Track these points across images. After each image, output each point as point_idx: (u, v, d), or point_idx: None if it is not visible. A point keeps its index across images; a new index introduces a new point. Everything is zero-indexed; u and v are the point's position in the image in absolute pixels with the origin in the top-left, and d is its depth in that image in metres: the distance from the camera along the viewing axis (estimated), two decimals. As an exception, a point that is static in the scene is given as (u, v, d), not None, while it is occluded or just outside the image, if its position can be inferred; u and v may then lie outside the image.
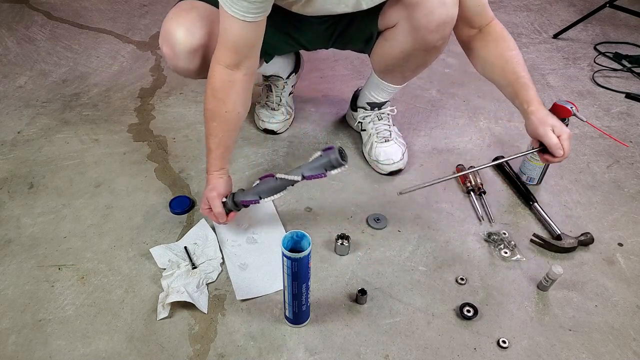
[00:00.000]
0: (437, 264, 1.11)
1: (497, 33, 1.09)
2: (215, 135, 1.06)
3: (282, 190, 1.04)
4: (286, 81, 1.47)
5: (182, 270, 1.05)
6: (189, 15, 1.08)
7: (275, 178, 1.02)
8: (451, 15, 1.03)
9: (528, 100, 1.02)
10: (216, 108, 1.04)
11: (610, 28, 2.08)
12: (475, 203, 1.25)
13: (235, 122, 1.08)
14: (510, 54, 1.07)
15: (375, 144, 1.35)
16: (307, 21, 1.16)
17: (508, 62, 1.06)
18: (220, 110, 1.04)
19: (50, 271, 1.08)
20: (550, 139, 0.99)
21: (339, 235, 1.12)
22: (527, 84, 1.03)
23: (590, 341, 0.97)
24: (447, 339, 0.97)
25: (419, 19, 1.05)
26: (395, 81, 1.28)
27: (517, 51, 1.07)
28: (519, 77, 1.04)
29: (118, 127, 1.50)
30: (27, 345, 0.94)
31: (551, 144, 0.99)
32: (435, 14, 1.03)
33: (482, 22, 1.10)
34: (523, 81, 1.04)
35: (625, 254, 1.14)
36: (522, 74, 1.04)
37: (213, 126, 1.06)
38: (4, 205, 1.23)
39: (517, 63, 1.05)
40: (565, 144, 0.99)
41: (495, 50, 1.09)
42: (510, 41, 1.09)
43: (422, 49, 1.11)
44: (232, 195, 1.09)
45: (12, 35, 1.97)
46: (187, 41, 1.08)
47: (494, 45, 1.09)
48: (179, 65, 1.13)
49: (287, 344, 0.95)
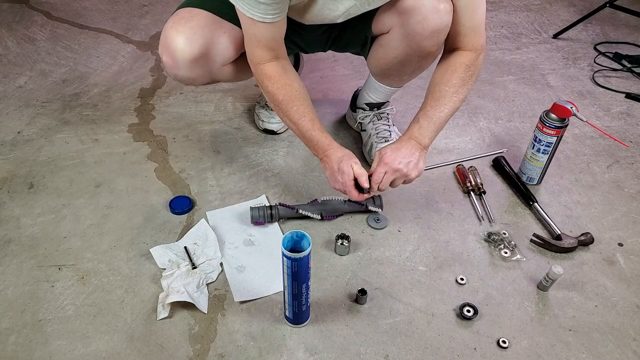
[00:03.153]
0: (437, 264, 1.11)
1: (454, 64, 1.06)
2: (303, 114, 1.05)
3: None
4: (286, 81, 1.47)
5: (182, 270, 1.05)
6: (189, 23, 1.06)
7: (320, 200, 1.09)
8: (445, 22, 1.02)
9: (407, 130, 1.07)
10: (288, 94, 1.05)
11: (610, 28, 2.08)
12: (475, 203, 1.25)
13: (308, 95, 1.09)
14: (441, 87, 1.05)
15: (375, 144, 1.35)
16: (306, 25, 1.16)
17: (432, 93, 1.07)
18: (292, 92, 1.05)
19: (50, 271, 1.08)
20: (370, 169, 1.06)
21: (339, 235, 1.12)
22: (419, 119, 1.06)
23: (590, 341, 0.97)
24: (447, 339, 0.97)
25: (412, 26, 1.04)
26: (392, 84, 1.28)
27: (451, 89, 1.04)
28: (422, 109, 1.07)
29: (118, 127, 1.50)
30: (27, 345, 0.94)
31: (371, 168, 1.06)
32: (430, 21, 1.02)
33: (459, 46, 1.07)
34: (419, 115, 1.06)
35: (625, 254, 1.14)
36: (427, 108, 1.05)
37: (295, 109, 1.05)
38: (4, 205, 1.23)
39: (436, 98, 1.05)
40: (376, 171, 1.04)
41: (436, 76, 1.09)
42: (456, 78, 1.04)
43: (417, 54, 1.11)
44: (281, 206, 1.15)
45: (12, 35, 1.97)
46: (187, 50, 1.06)
47: (441, 72, 1.07)
48: (179, 74, 1.12)
49: (287, 344, 0.95)
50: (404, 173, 1.03)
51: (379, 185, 1.04)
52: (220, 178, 1.32)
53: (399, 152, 1.02)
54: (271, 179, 1.32)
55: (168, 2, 2.24)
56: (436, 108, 1.04)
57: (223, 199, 1.26)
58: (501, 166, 1.34)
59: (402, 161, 1.02)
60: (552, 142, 1.22)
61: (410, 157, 1.02)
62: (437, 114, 1.04)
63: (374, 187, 1.04)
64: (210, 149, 1.42)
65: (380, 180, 1.03)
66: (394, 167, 1.02)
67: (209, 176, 1.33)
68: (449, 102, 1.04)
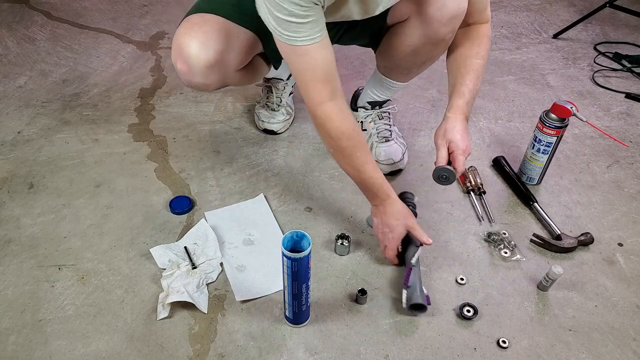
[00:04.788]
0: (437, 264, 1.11)
1: (478, 36, 1.09)
2: (366, 161, 1.01)
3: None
4: (287, 82, 1.47)
5: (182, 270, 1.05)
6: (202, 28, 1.04)
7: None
8: (462, 8, 1.04)
9: (452, 106, 1.04)
10: (352, 138, 0.98)
11: (610, 28, 2.08)
12: (475, 203, 1.25)
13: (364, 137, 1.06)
14: (473, 61, 1.06)
15: (375, 144, 1.35)
16: None
17: (465, 66, 1.06)
18: (356, 137, 0.99)
19: (50, 271, 1.08)
20: (439, 154, 1.02)
21: (339, 235, 1.12)
22: (464, 92, 1.04)
23: (590, 341, 0.97)
24: (447, 339, 0.97)
25: (432, 13, 1.05)
26: (399, 78, 1.28)
27: (482, 61, 1.06)
28: (462, 83, 1.05)
29: (118, 127, 1.50)
30: (27, 345, 0.94)
31: (437, 158, 1.02)
32: (448, 7, 1.03)
33: (475, 20, 1.10)
34: (462, 89, 1.04)
35: (625, 254, 1.14)
36: (467, 82, 1.04)
37: (359, 155, 1.00)
38: (4, 205, 1.23)
39: (472, 71, 1.05)
40: (457, 160, 1.00)
41: (463, 50, 1.09)
42: (483, 49, 1.08)
43: (432, 42, 1.11)
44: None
45: (12, 35, 1.97)
46: (203, 56, 1.03)
47: (468, 45, 1.09)
48: (194, 81, 1.08)
49: (287, 344, 0.95)
50: (470, 152, 1.03)
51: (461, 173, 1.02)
52: (220, 178, 1.32)
53: (465, 134, 1.02)
54: (271, 179, 1.32)
55: (168, 2, 2.24)
56: (475, 81, 1.05)
57: (223, 199, 1.26)
58: (501, 166, 1.34)
59: (469, 142, 1.02)
60: (552, 142, 1.22)
61: (467, 134, 1.03)
62: (476, 87, 1.05)
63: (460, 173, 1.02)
64: (210, 149, 1.42)
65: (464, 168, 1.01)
66: (469, 151, 1.01)
67: (209, 176, 1.33)
68: (482, 75, 1.07)
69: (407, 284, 1.00)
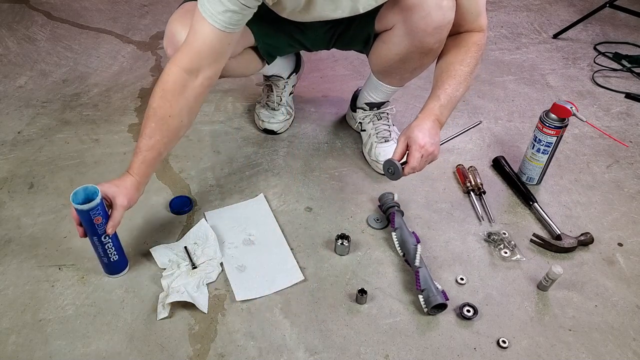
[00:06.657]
0: (437, 264, 1.11)
1: (466, 44, 1.07)
2: (150, 136, 0.99)
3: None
4: (287, 81, 1.47)
5: (182, 270, 1.05)
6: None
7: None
8: (448, 18, 1.03)
9: (425, 108, 1.04)
10: (160, 109, 0.98)
11: (610, 28, 2.08)
12: (475, 203, 1.25)
13: (177, 130, 1.01)
14: (456, 67, 1.05)
15: (375, 144, 1.35)
16: (308, 24, 1.16)
17: (447, 71, 1.06)
18: (164, 113, 0.98)
19: (51, 271, 1.08)
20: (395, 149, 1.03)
21: (339, 235, 1.12)
22: (439, 96, 1.04)
23: (590, 341, 0.97)
24: (447, 339, 0.97)
25: (415, 22, 1.05)
26: (393, 82, 1.28)
27: (466, 68, 1.05)
28: (439, 87, 1.05)
29: (118, 127, 1.50)
30: (27, 345, 0.94)
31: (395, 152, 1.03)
32: (433, 17, 1.03)
33: (468, 29, 1.09)
34: (437, 92, 1.04)
35: (625, 254, 1.14)
36: (445, 86, 1.04)
37: (151, 127, 0.98)
38: (4, 205, 1.23)
39: (453, 77, 1.05)
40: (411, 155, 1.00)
41: (448, 57, 1.09)
42: (470, 57, 1.06)
43: (419, 51, 1.11)
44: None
45: (12, 35, 1.97)
46: None
47: (454, 52, 1.08)
48: None
49: (287, 344, 0.95)
50: (435, 155, 1.02)
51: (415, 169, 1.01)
52: (220, 178, 1.32)
53: (428, 133, 1.00)
54: (271, 179, 1.32)
55: (168, 2, 2.24)
56: (454, 87, 1.04)
57: (223, 199, 1.26)
58: (501, 166, 1.34)
59: (433, 142, 1.01)
60: (552, 142, 1.22)
61: (435, 136, 1.02)
62: (455, 93, 1.04)
63: (411, 172, 1.01)
64: (210, 149, 1.42)
65: (417, 164, 1.00)
66: (429, 150, 1.00)
67: (209, 176, 1.33)
68: (464, 82, 1.05)
69: (420, 287, 1.00)
